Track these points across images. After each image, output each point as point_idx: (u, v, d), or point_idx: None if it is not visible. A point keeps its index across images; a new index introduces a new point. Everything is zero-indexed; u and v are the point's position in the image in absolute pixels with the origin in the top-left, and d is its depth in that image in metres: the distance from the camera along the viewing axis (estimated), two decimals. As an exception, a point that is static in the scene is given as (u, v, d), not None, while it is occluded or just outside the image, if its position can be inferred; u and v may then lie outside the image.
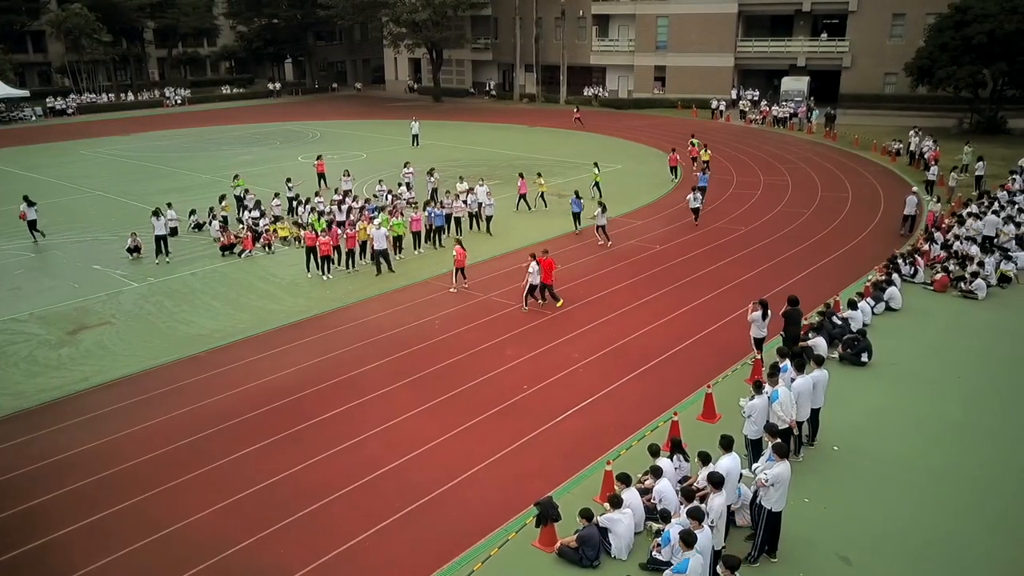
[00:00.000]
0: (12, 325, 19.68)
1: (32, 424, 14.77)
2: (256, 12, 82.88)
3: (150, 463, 13.33)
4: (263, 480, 12.68)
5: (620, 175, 37.65)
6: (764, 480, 10.03)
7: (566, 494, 11.84)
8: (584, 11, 66.70)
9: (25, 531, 11.59)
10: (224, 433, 14.27)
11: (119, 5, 72.89)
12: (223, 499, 12.21)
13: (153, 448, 13.78)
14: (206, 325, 19.53)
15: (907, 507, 11.59)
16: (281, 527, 11.50)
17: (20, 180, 39.00)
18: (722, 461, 10.71)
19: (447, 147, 45.60)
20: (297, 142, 49.72)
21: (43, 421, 14.87)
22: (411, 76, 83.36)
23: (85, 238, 27.74)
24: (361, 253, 23.82)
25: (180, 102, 73.82)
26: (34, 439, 14.23)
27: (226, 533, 11.37)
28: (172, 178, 38.50)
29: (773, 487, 10.01)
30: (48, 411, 15.31)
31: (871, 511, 11.49)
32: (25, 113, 64.59)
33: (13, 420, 15.00)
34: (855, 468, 12.62)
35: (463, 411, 14.79)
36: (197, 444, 13.92)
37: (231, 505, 12.09)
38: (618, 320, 19.21)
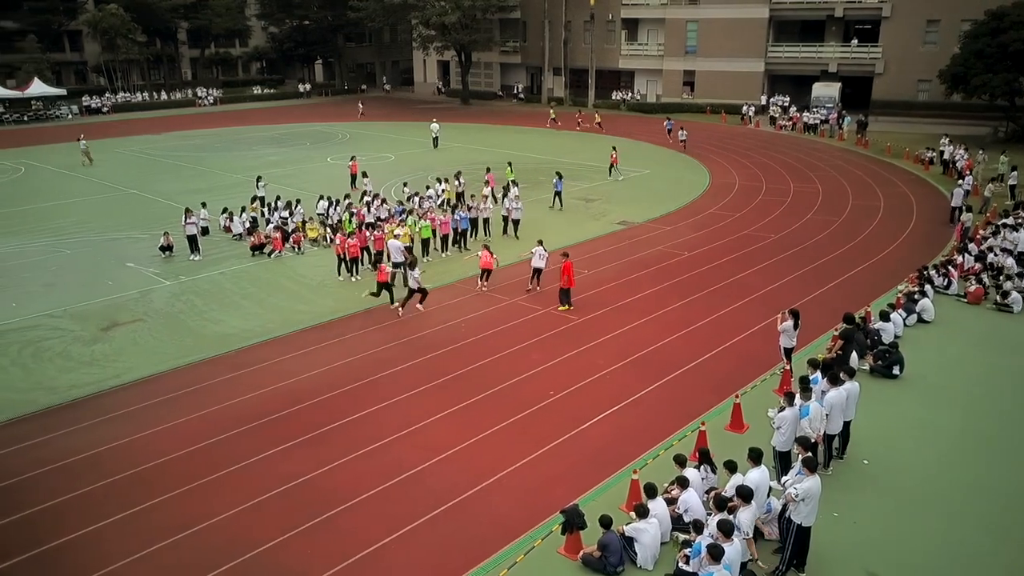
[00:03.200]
0: (47, 321, 20.02)
1: (65, 419, 15.01)
2: (287, 13, 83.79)
3: (178, 461, 13.48)
4: (288, 481, 12.76)
5: (647, 180, 37.52)
6: (794, 495, 9.93)
7: (591, 502, 11.79)
8: (613, 15, 66.64)
9: (56, 525, 11.75)
10: (251, 433, 14.39)
11: (154, 6, 74.03)
12: (249, 499, 12.31)
13: (181, 447, 13.94)
14: (235, 324, 19.74)
15: (938, 523, 11.41)
16: (305, 529, 11.57)
17: (56, 177, 39.76)
18: (751, 474, 10.63)
19: (473, 150, 45.71)
20: (327, 143, 50.11)
21: (76, 417, 15.10)
22: (439, 78, 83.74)
23: (119, 236, 28.16)
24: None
25: (212, 102, 74.74)
26: (68, 434, 14.45)
27: (251, 534, 11.46)
28: (203, 177, 38.99)
29: (803, 502, 9.90)
30: (81, 407, 15.54)
31: (901, 527, 11.33)
32: (62, 111, 65.78)
33: (47, 415, 15.24)
34: (885, 483, 12.44)
35: (488, 415, 14.80)
36: (224, 443, 14.06)
37: (256, 505, 12.18)
38: (644, 327, 19.12)
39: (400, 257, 21.90)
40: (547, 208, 31.01)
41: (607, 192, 34.58)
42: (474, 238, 26.55)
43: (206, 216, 27.43)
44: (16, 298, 21.69)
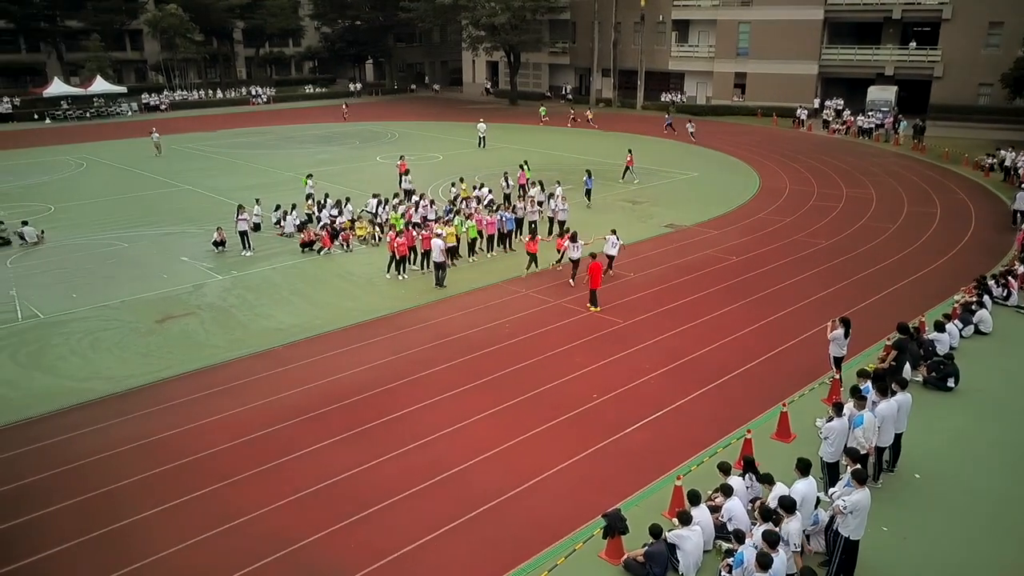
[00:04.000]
0: (105, 312, 20.64)
1: (120, 408, 15.46)
2: (340, 14, 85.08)
3: (225, 453, 13.78)
4: (332, 476, 12.95)
5: (696, 183, 37.13)
6: (842, 507, 9.74)
7: (634, 507, 11.72)
8: (664, 16, 66.09)
9: (109, 512, 12.09)
10: (296, 427, 14.63)
11: (211, 6, 75.81)
12: (292, 493, 12.51)
13: (228, 439, 14.24)
14: (284, 319, 20.10)
15: (990, 541, 11.08)
16: (348, 524, 11.72)
17: (116, 172, 40.96)
18: (798, 484, 10.46)
19: (519, 150, 45.77)
20: (376, 142, 50.70)
21: (130, 406, 15.54)
22: (488, 79, 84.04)
23: (173, 231, 28.90)
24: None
25: (265, 100, 76.18)
26: (122, 423, 14.88)
27: (295, 527, 11.64)
28: (255, 174, 39.78)
29: (851, 514, 9.71)
30: (135, 396, 15.99)
31: (952, 543, 11.03)
32: (122, 108, 67.74)
33: (103, 403, 15.72)
34: (937, 497, 12.13)
35: (531, 417, 14.82)
36: (270, 437, 14.32)
37: (300, 499, 12.37)
38: (691, 332, 18.93)
39: (441, 257, 22.03)
40: (587, 208, 30.86)
41: (655, 194, 34.32)
42: (519, 239, 26.60)
43: (258, 213, 27.99)
44: (77, 289, 22.40)
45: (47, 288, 22.55)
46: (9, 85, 79.10)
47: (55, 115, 63.98)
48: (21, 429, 14.71)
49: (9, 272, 24.10)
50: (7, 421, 14.97)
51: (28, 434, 14.50)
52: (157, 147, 46.66)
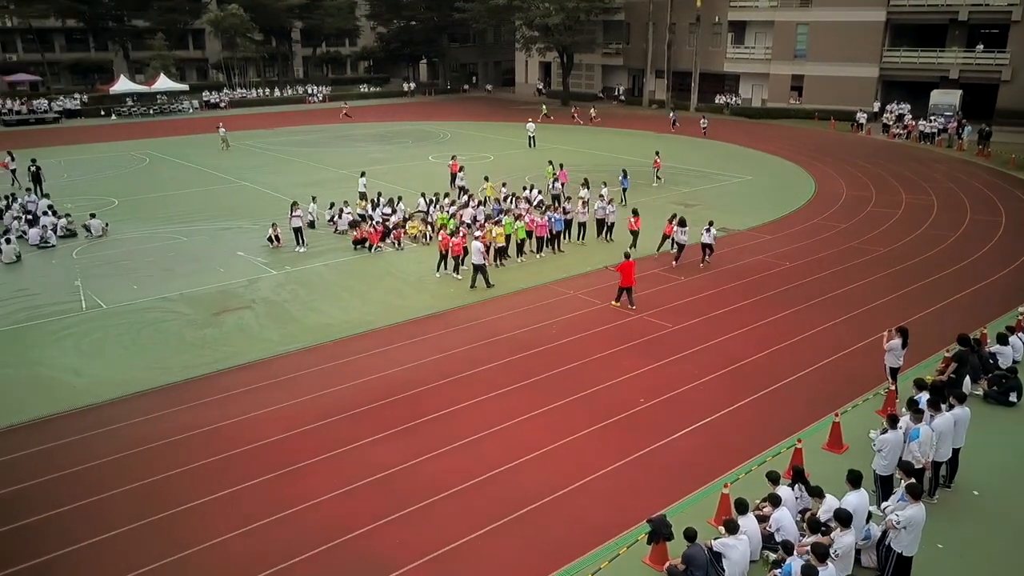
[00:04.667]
0: (164, 304, 21.26)
1: (176, 398, 15.91)
2: (395, 14, 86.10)
3: (276, 445, 14.06)
4: (380, 471, 13.12)
5: (749, 187, 36.57)
6: (895, 522, 9.51)
7: (679, 513, 11.62)
8: (720, 17, 65.24)
9: (161, 499, 12.42)
10: (345, 422, 14.86)
11: (271, 6, 77.39)
12: (340, 486, 12.70)
13: (280, 431, 14.53)
14: (335, 315, 20.42)
15: (1055, 564, 10.70)
16: (394, 519, 11.86)
17: (176, 168, 42.12)
18: (849, 497, 10.24)
19: (570, 151, 45.68)
20: (428, 142, 51.14)
21: (186, 396, 15.98)
22: (540, 79, 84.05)
23: (230, 225, 29.60)
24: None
25: (320, 99, 77.42)
26: (179, 412, 15.31)
27: (343, 520, 11.83)
28: (309, 172, 40.49)
29: (904, 530, 9.48)
30: (191, 387, 16.44)
31: (1011, 563, 10.68)
32: (183, 106, 69.62)
33: (160, 393, 16.19)
34: (996, 515, 11.76)
35: (577, 419, 14.79)
36: (320, 430, 14.57)
37: (348, 493, 12.56)
38: (742, 338, 18.67)
39: (480, 259, 21.96)
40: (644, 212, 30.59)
41: (707, 197, 33.91)
42: (568, 240, 26.54)
43: (314, 210, 28.51)
44: (138, 280, 23.11)
45: (110, 279, 23.31)
46: (79, 82, 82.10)
47: (120, 111, 66.06)
48: (84, 415, 15.24)
49: (75, 263, 24.98)
50: (71, 407, 15.52)
51: (90, 420, 15.02)
52: (224, 141, 48.39)
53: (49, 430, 14.67)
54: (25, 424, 14.87)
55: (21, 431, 14.65)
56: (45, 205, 30.08)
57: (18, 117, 62.06)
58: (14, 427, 14.77)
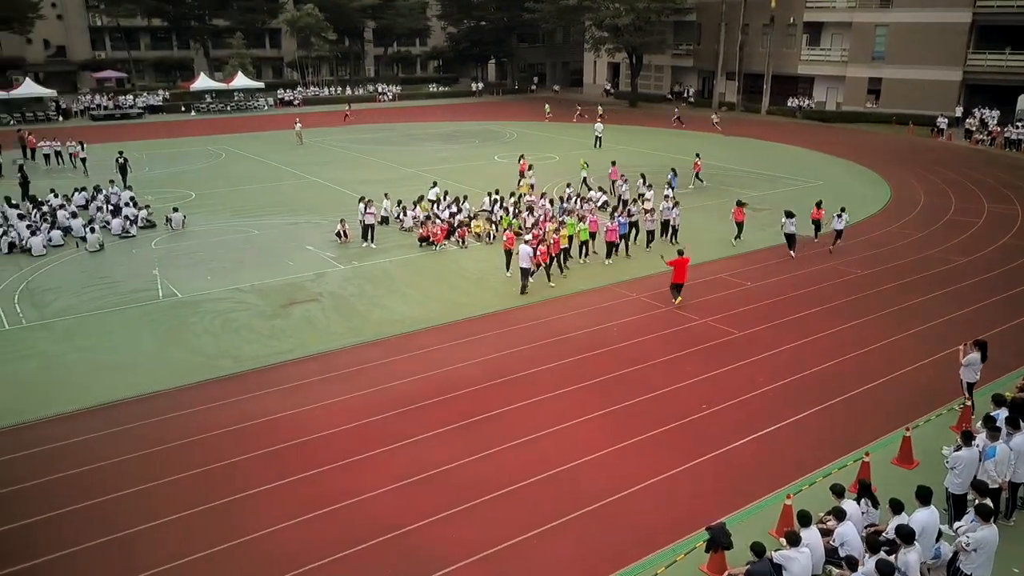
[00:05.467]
0: (235, 295, 21.92)
1: (244, 387, 16.38)
2: (466, 14, 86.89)
3: (337, 436, 14.33)
4: (437, 466, 13.24)
5: (821, 192, 35.52)
6: (965, 544, 9.14)
7: (739, 523, 11.42)
8: (795, 18, 63.67)
9: (222, 485, 12.77)
10: (405, 416, 15.05)
11: (345, 6, 79.07)
12: (397, 480, 12.85)
13: (341, 423, 14.80)
14: (399, 311, 20.72)
15: None
16: (450, 515, 11.96)
17: (251, 163, 43.37)
18: (918, 514, 9.89)
19: (635, 152, 45.29)
20: (494, 141, 51.42)
21: (254, 385, 16.45)
22: (609, 80, 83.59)
23: (300, 220, 30.33)
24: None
25: (390, 98, 78.67)
26: (245, 400, 15.77)
27: (399, 514, 11.97)
28: (378, 169, 41.17)
29: (975, 552, 9.10)
30: (259, 376, 16.90)
31: (1095, 594, 10.15)
32: (259, 103, 71.67)
33: (229, 381, 16.70)
34: (1078, 542, 11.18)
35: (637, 423, 14.67)
36: (379, 424, 14.79)
37: (404, 487, 12.70)
38: (809, 346, 18.21)
39: (528, 263, 21.68)
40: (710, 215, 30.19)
41: (777, 201, 33.14)
42: (635, 243, 26.21)
43: (387, 206, 28.99)
44: (211, 272, 23.89)
45: (186, 269, 24.16)
46: (161, 79, 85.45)
47: (199, 108, 68.41)
48: (157, 399, 15.84)
49: (154, 253, 25.97)
50: (146, 391, 16.15)
51: (163, 405, 15.59)
52: (299, 137, 49.87)
53: (124, 413, 15.28)
54: (102, 406, 15.53)
55: (99, 412, 15.31)
56: (127, 197, 31.36)
57: (105, 112, 64.86)
58: (91, 408, 15.43)
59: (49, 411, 15.27)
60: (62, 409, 15.36)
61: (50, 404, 15.53)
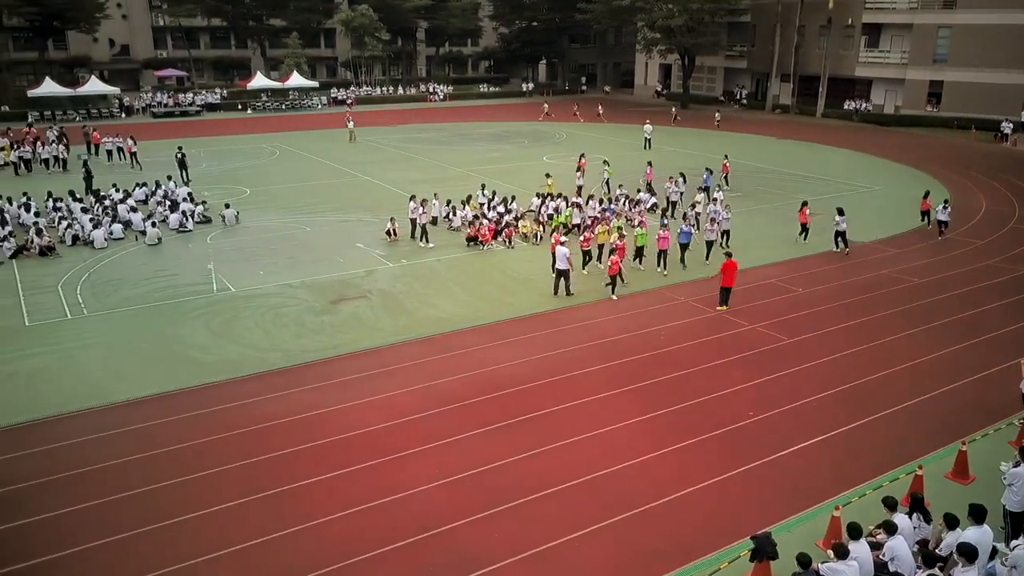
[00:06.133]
0: (287, 290, 22.36)
1: (294, 380, 16.69)
2: (518, 15, 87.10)
3: (384, 432, 14.52)
4: (482, 465, 13.33)
5: (877, 197, 34.82)
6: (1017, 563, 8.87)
7: (785, 533, 11.25)
8: (853, 19, 62.27)
9: (271, 477, 13.04)
10: (450, 414, 15.18)
11: (398, 7, 79.96)
12: (440, 478, 12.95)
13: (388, 419, 14.99)
14: (447, 309, 20.89)
15: None
16: (494, 513, 12.02)
17: (304, 161, 44.15)
18: (970, 531, 9.63)
19: (685, 154, 44.83)
20: (544, 142, 51.44)
21: (303, 379, 16.76)
22: (660, 81, 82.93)
23: (351, 218, 30.78)
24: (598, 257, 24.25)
25: (441, 98, 79.25)
26: (294, 394, 16.07)
27: (443, 511, 12.08)
28: (428, 169, 41.54)
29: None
30: (307, 370, 17.21)
31: None
32: (313, 101, 72.91)
33: (279, 374, 17.03)
34: None
35: (681, 428, 14.55)
36: (424, 421, 14.93)
37: (447, 485, 12.80)
38: (860, 356, 17.82)
39: (564, 264, 21.51)
40: (761, 218, 29.76)
41: (830, 206, 32.44)
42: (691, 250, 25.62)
43: (436, 207, 29.28)
44: (264, 267, 24.41)
45: (239, 264, 24.71)
46: (219, 77, 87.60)
47: (255, 106, 69.89)
48: (209, 391, 16.25)
49: (209, 248, 26.62)
50: (199, 383, 16.58)
51: (214, 396, 15.99)
52: (351, 135, 50.89)
53: (177, 403, 15.70)
54: (156, 396, 15.99)
55: (153, 402, 15.77)
56: (185, 192, 32.23)
57: (165, 109, 66.76)
58: (146, 398, 15.90)
59: (111, 399, 15.79)
60: (122, 397, 15.86)
61: (111, 392, 16.06)
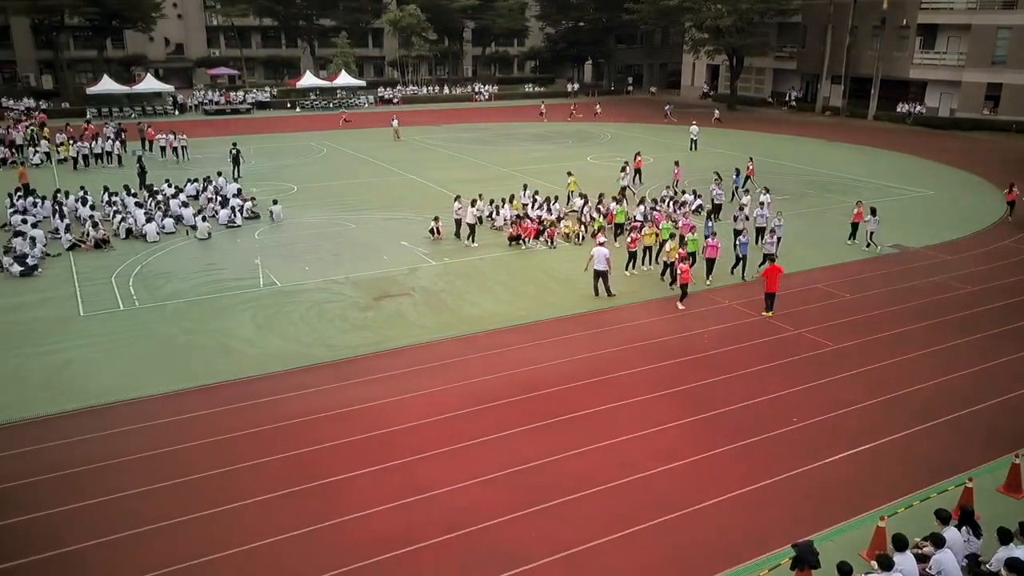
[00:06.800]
0: (332, 286, 22.66)
1: (336, 375, 16.93)
2: (564, 15, 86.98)
3: (422, 428, 14.62)
4: (521, 463, 13.34)
5: (930, 202, 33.97)
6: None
7: (827, 542, 11.04)
8: (908, 20, 60.75)
9: (311, 470, 13.19)
10: (489, 412, 15.22)
11: (446, 7, 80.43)
12: (479, 475, 13.00)
13: (426, 415, 15.08)
14: (488, 307, 20.96)
15: None
16: (531, 512, 12.02)
17: (351, 160, 44.70)
18: (1019, 550, 9.33)
19: (731, 156, 44.21)
20: (589, 142, 51.28)
21: (345, 374, 16.97)
22: (707, 82, 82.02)
23: (395, 216, 31.07)
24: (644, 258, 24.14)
25: (487, 98, 79.50)
26: (337, 389, 16.29)
27: (479, 508, 12.12)
28: (472, 168, 41.73)
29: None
30: (349, 365, 17.43)
31: None
32: (360, 100, 73.74)
33: (322, 369, 17.27)
34: None
35: (723, 433, 14.38)
36: (464, 418, 15.01)
37: (486, 482, 12.84)
38: (908, 364, 17.40)
39: (604, 265, 21.35)
40: (807, 222, 29.23)
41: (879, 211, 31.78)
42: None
43: (480, 207, 29.34)
44: (309, 263, 24.78)
45: (285, 260, 25.12)
46: (270, 76, 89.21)
47: (304, 104, 70.96)
48: (252, 384, 16.54)
49: (256, 243, 27.12)
50: (244, 375, 16.90)
51: (258, 389, 16.28)
52: (396, 133, 51.48)
53: (221, 395, 16.03)
54: (199, 388, 16.33)
55: (196, 393, 16.11)
56: (234, 189, 32.88)
57: (216, 107, 68.16)
58: (191, 389, 16.25)
59: (160, 388, 16.19)
60: (171, 387, 16.24)
61: (160, 382, 16.46)
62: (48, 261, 24.74)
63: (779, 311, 20.42)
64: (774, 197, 29.54)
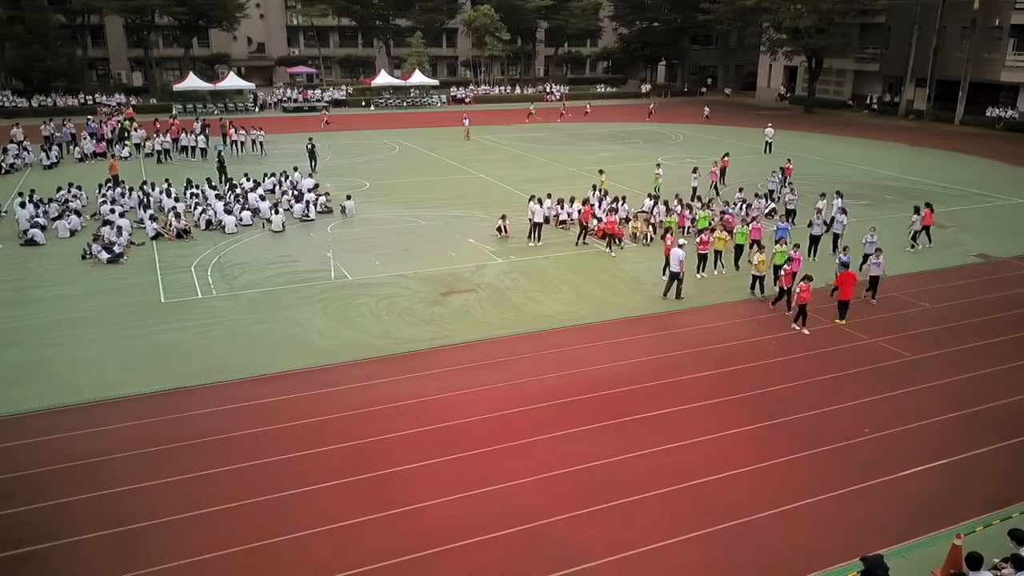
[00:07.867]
0: (400, 280, 23.03)
1: (402, 368, 17.19)
2: (638, 15, 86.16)
3: (484, 423, 14.73)
4: (583, 462, 13.32)
5: (1019, 210, 32.38)
6: None
7: (899, 557, 10.67)
8: (1001, 20, 58.01)
9: (374, 460, 13.43)
10: (551, 409, 15.23)
11: (519, 7, 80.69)
12: (541, 472, 13.03)
13: (489, 410, 15.20)
14: (552, 307, 20.96)
15: None
16: (593, 511, 12.00)
17: (422, 157, 45.32)
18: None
19: (806, 159, 43.08)
20: (659, 143, 50.72)
21: (410, 367, 17.22)
22: (784, 84, 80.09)
23: (463, 214, 31.36)
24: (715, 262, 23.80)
25: (558, 98, 79.41)
26: (402, 381, 16.54)
27: (539, 505, 12.14)
28: (540, 168, 41.79)
29: None
30: (415, 359, 17.68)
31: None
32: (432, 100, 74.68)
33: (389, 361, 17.57)
34: None
35: (790, 440, 14.05)
36: (527, 414, 15.05)
37: (548, 479, 12.86)
38: (993, 377, 16.66)
39: (678, 267, 21.07)
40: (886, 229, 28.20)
41: (965, 218, 30.55)
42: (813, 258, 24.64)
43: (549, 206, 29.41)
44: (380, 258, 25.23)
45: (356, 254, 25.64)
46: (346, 75, 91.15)
47: (378, 103, 72.25)
48: (322, 373, 16.95)
49: (329, 237, 27.75)
50: (315, 364, 17.33)
51: (327, 378, 16.67)
52: (467, 133, 52.22)
53: (292, 383, 16.46)
54: (272, 375, 16.81)
55: (269, 381, 16.59)
56: (310, 183, 33.73)
57: (295, 104, 70.01)
58: (264, 376, 16.74)
59: (234, 375, 16.75)
60: (244, 374, 16.79)
61: (234, 368, 17.04)
62: (133, 249, 25.87)
63: (855, 319, 19.82)
64: (853, 204, 28.67)
